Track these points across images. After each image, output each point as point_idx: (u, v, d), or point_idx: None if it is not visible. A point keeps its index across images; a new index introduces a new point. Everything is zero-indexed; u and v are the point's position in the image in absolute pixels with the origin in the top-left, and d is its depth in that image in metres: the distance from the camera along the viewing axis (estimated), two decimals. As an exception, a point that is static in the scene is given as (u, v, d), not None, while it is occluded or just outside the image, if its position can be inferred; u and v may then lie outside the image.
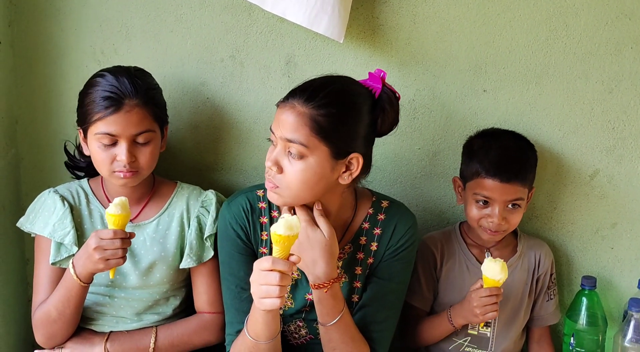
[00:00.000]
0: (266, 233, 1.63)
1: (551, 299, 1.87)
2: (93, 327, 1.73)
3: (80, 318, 1.69)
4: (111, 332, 1.72)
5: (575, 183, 1.91)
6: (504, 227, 1.74)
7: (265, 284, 1.35)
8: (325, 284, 1.50)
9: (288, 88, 1.56)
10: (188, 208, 1.75)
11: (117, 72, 1.63)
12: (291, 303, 1.64)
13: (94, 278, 1.61)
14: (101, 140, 1.59)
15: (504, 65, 1.85)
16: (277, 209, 1.63)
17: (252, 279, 1.39)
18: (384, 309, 1.62)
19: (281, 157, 1.48)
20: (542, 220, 1.95)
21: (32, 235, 1.74)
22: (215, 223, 1.72)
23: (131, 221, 1.70)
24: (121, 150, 1.59)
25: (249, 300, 1.49)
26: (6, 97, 1.88)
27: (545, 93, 1.86)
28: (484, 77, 1.86)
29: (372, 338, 1.60)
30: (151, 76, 1.72)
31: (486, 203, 1.74)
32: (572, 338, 1.85)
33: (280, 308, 1.51)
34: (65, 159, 1.82)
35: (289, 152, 1.47)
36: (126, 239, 1.55)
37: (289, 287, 1.44)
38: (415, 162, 1.94)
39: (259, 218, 1.63)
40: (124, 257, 1.55)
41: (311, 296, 1.61)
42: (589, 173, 1.90)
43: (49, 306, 1.64)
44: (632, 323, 1.77)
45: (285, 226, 1.34)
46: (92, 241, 1.53)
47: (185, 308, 1.81)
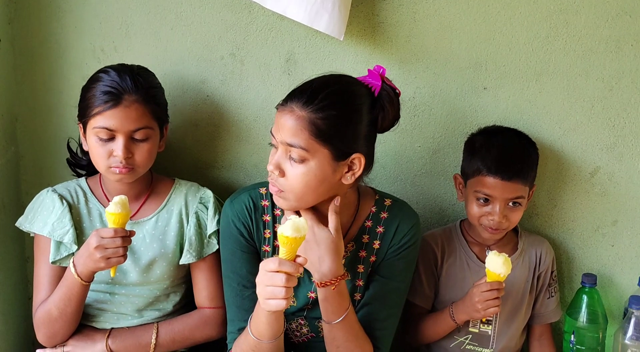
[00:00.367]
0: (269, 231, 1.62)
1: (552, 296, 1.87)
2: (94, 324, 1.73)
3: (82, 315, 1.68)
4: (112, 328, 1.72)
5: (576, 181, 1.91)
6: (504, 225, 1.74)
7: (271, 285, 1.35)
8: (333, 281, 1.49)
9: (288, 86, 1.56)
10: (186, 204, 1.75)
11: (121, 70, 1.64)
12: (293, 301, 1.64)
13: (95, 276, 1.61)
14: (99, 134, 1.60)
15: (504, 63, 1.85)
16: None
17: (258, 280, 1.38)
18: (387, 307, 1.62)
19: (283, 161, 1.48)
20: (543, 217, 1.95)
21: (31, 234, 1.74)
22: (215, 220, 1.72)
23: (130, 218, 1.70)
24: (118, 146, 1.60)
25: (251, 298, 1.49)
26: (6, 94, 1.87)
27: (546, 90, 1.86)
28: (484, 75, 1.86)
29: (374, 336, 1.60)
30: (154, 76, 1.73)
31: (487, 201, 1.73)
32: (572, 336, 1.85)
33: None
34: (67, 156, 1.82)
35: (289, 155, 1.47)
36: (127, 238, 1.55)
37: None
38: (415, 160, 1.94)
39: (261, 216, 1.63)
40: (124, 256, 1.55)
41: (314, 294, 1.61)
42: (590, 171, 1.90)
43: (50, 305, 1.64)
44: (632, 321, 1.77)
45: (293, 227, 1.33)
46: (93, 239, 1.53)
47: (186, 304, 1.81)
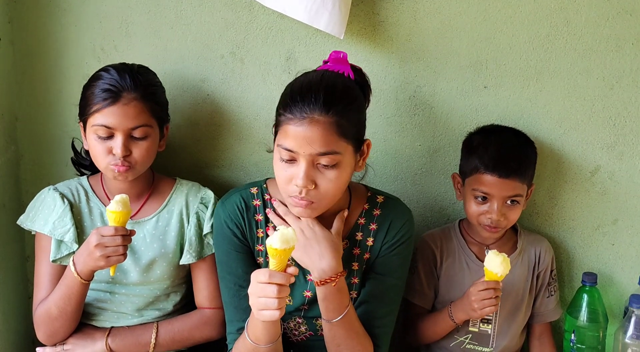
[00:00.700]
0: (262, 231, 1.62)
1: (552, 295, 1.87)
2: (94, 323, 1.73)
3: (82, 314, 1.69)
4: (112, 327, 1.72)
5: (576, 179, 1.91)
6: (502, 224, 1.74)
7: (263, 297, 1.35)
8: (333, 278, 1.49)
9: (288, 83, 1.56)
10: (187, 204, 1.75)
11: (121, 68, 1.64)
12: (289, 300, 1.63)
13: (95, 275, 1.61)
14: (97, 132, 1.60)
15: (504, 62, 1.85)
16: (271, 206, 1.63)
17: (250, 291, 1.39)
18: (384, 304, 1.62)
19: (312, 173, 1.46)
20: (543, 216, 1.94)
21: (32, 232, 1.74)
22: (211, 221, 1.72)
23: (131, 217, 1.70)
24: (116, 143, 1.60)
25: (248, 297, 1.49)
26: (6, 94, 1.87)
27: (546, 89, 1.86)
28: (484, 74, 1.86)
29: (373, 334, 1.60)
30: (155, 75, 1.73)
31: (485, 199, 1.73)
32: (572, 335, 1.85)
33: None
34: (67, 155, 1.83)
35: (318, 164, 1.46)
36: (127, 236, 1.55)
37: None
38: (415, 159, 1.94)
39: (254, 216, 1.63)
40: (124, 254, 1.55)
41: (310, 293, 1.61)
42: (590, 169, 1.90)
43: (50, 304, 1.64)
44: (633, 319, 1.77)
45: (282, 239, 1.33)
46: (93, 238, 1.54)
47: (186, 304, 1.81)
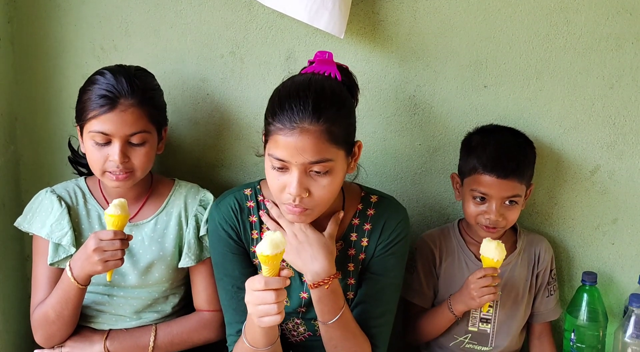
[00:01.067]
0: (256, 232, 1.62)
1: (551, 295, 1.87)
2: (92, 325, 1.73)
3: (79, 316, 1.68)
4: (111, 330, 1.71)
5: (576, 179, 1.91)
6: (501, 224, 1.73)
7: (262, 304, 1.35)
8: (326, 281, 1.49)
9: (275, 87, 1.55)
10: (186, 207, 1.74)
11: (118, 72, 1.61)
12: (286, 302, 1.63)
13: (93, 278, 1.60)
14: (95, 138, 1.58)
15: (504, 61, 1.85)
16: (265, 207, 1.62)
17: (247, 300, 1.38)
18: (381, 304, 1.62)
19: (306, 181, 1.46)
20: (543, 216, 1.94)
21: (30, 234, 1.73)
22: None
23: (129, 220, 1.70)
24: (114, 150, 1.58)
25: None
26: (6, 94, 1.87)
27: (546, 89, 1.86)
28: (484, 73, 1.86)
29: (371, 334, 1.60)
30: (152, 77, 1.71)
31: (483, 199, 1.73)
32: (572, 334, 1.85)
33: None
34: (66, 155, 1.81)
35: (311, 171, 1.45)
36: (125, 241, 1.54)
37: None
38: (415, 158, 1.94)
39: (248, 217, 1.62)
40: (122, 259, 1.54)
41: (306, 295, 1.61)
42: (590, 169, 1.90)
43: (47, 308, 1.63)
44: (632, 319, 1.77)
45: (271, 245, 1.32)
46: (91, 242, 1.52)
47: (185, 305, 1.80)
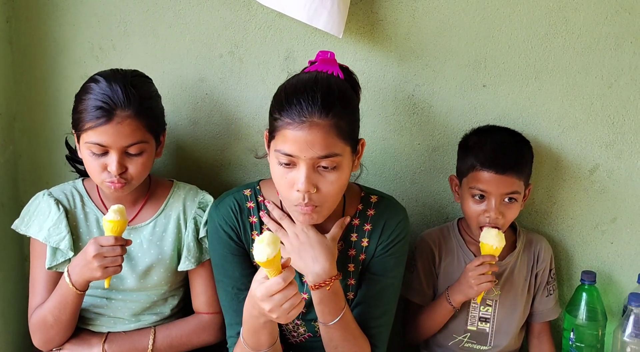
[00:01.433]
0: (256, 233, 1.61)
1: (550, 294, 1.87)
2: (90, 328, 1.72)
3: (78, 318, 1.67)
4: (109, 333, 1.70)
5: (575, 178, 1.91)
6: (500, 222, 1.73)
7: (287, 301, 1.33)
8: (327, 282, 1.49)
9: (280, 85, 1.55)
10: (185, 209, 1.73)
11: (112, 79, 1.57)
12: None
13: (89, 285, 1.60)
14: (91, 149, 1.56)
15: (503, 60, 1.85)
16: (265, 208, 1.62)
17: (267, 306, 1.34)
18: (381, 305, 1.62)
19: (314, 176, 1.45)
20: (542, 215, 1.95)
21: (28, 236, 1.72)
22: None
23: (127, 223, 1.69)
24: (111, 161, 1.56)
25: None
26: (4, 93, 1.87)
27: (545, 88, 1.86)
28: (483, 72, 1.86)
29: (371, 334, 1.60)
30: (148, 83, 1.67)
31: (482, 197, 1.73)
32: (571, 333, 1.85)
33: None
34: (65, 153, 1.80)
35: (318, 167, 1.45)
36: (124, 247, 1.54)
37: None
38: (414, 158, 1.94)
39: (248, 218, 1.62)
40: (121, 266, 1.54)
41: (306, 296, 1.60)
42: (589, 168, 1.90)
43: (45, 312, 1.62)
44: (631, 318, 1.77)
45: (266, 250, 1.29)
46: (91, 248, 1.51)
47: (183, 307, 1.80)
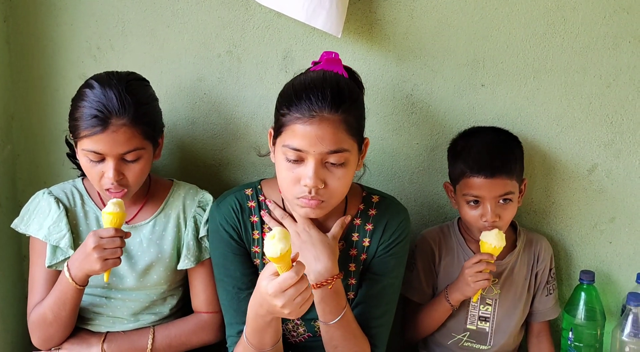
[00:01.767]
0: (257, 232, 1.61)
1: (550, 294, 1.87)
2: (89, 327, 1.72)
3: (77, 318, 1.67)
4: (108, 332, 1.70)
5: (574, 178, 1.91)
6: (499, 224, 1.73)
7: (299, 295, 1.33)
8: (329, 281, 1.49)
9: (285, 83, 1.55)
10: (184, 208, 1.73)
11: (107, 84, 1.55)
12: None
13: (90, 280, 1.60)
14: (88, 156, 1.55)
15: (501, 60, 1.85)
16: (266, 207, 1.62)
17: (283, 303, 1.32)
18: (381, 304, 1.62)
19: (322, 171, 1.45)
20: (540, 214, 1.95)
21: (27, 236, 1.72)
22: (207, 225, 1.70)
23: (127, 222, 1.69)
24: (108, 168, 1.55)
25: (247, 300, 1.48)
26: (2, 93, 1.87)
27: (543, 87, 1.86)
28: (481, 72, 1.86)
29: (371, 334, 1.60)
30: (145, 86, 1.65)
31: (477, 202, 1.73)
32: (570, 333, 1.85)
33: None
34: (63, 154, 1.80)
35: (326, 162, 1.45)
36: (123, 239, 1.54)
37: None
38: (413, 157, 1.93)
39: (249, 217, 1.62)
40: (120, 258, 1.54)
41: None
42: (587, 167, 1.90)
43: (45, 309, 1.62)
44: (630, 317, 1.77)
45: (278, 245, 1.28)
46: (91, 240, 1.52)
47: (182, 306, 1.79)
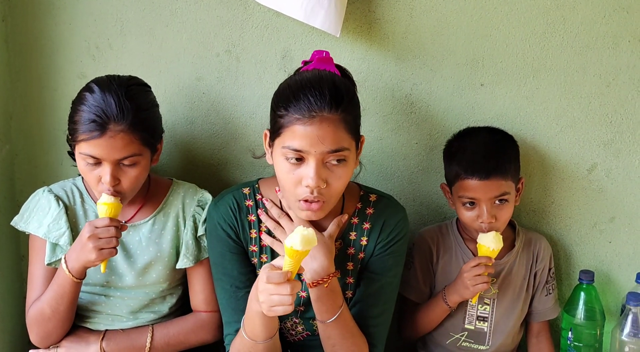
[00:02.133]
0: (255, 231, 1.61)
1: (550, 293, 1.86)
2: (88, 326, 1.72)
3: (75, 315, 1.67)
4: (107, 330, 1.70)
5: (573, 177, 1.91)
6: (496, 226, 1.72)
7: (277, 294, 1.34)
8: (325, 279, 1.49)
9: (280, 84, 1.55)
10: (184, 207, 1.73)
11: (107, 88, 1.54)
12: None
13: (89, 277, 1.60)
14: (86, 160, 1.55)
15: (501, 59, 1.85)
16: (264, 206, 1.62)
17: (262, 289, 1.37)
18: (379, 303, 1.62)
19: (323, 171, 1.45)
20: (540, 214, 1.94)
21: (26, 233, 1.72)
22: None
23: (127, 221, 1.69)
24: (105, 173, 1.55)
25: (245, 298, 1.49)
26: (0, 92, 1.86)
27: (543, 87, 1.86)
28: (481, 71, 1.86)
29: (369, 333, 1.59)
30: (145, 92, 1.65)
31: (473, 204, 1.73)
32: (570, 332, 1.85)
33: None
34: (62, 153, 1.80)
35: (327, 162, 1.45)
36: (119, 229, 1.54)
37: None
38: (412, 157, 1.93)
39: (246, 216, 1.62)
40: (116, 248, 1.54)
41: (304, 294, 1.61)
42: (587, 167, 1.90)
43: (43, 304, 1.62)
44: (629, 317, 1.77)
45: (303, 241, 1.31)
46: (86, 229, 1.53)
47: (182, 305, 1.79)
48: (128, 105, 1.54)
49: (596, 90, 1.85)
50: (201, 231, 1.71)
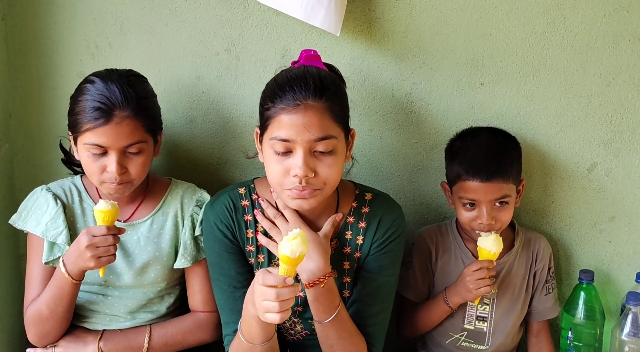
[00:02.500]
0: (251, 231, 1.61)
1: (550, 293, 1.86)
2: (86, 325, 1.72)
3: (73, 315, 1.67)
4: (105, 330, 1.70)
5: (573, 177, 1.91)
6: (495, 227, 1.72)
7: (265, 300, 1.34)
8: (321, 279, 1.49)
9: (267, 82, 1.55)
10: (182, 207, 1.73)
11: (108, 79, 1.56)
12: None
13: (87, 277, 1.60)
14: (91, 150, 1.55)
15: (501, 59, 1.84)
16: (259, 206, 1.62)
17: (256, 294, 1.36)
18: (377, 302, 1.61)
19: (311, 160, 1.45)
20: (540, 214, 1.94)
21: (25, 232, 1.72)
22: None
23: (125, 220, 1.69)
24: (111, 161, 1.56)
25: (242, 298, 1.49)
26: (0, 91, 1.86)
27: (543, 86, 1.86)
28: (481, 71, 1.85)
29: (367, 333, 1.59)
30: (144, 82, 1.67)
31: (473, 205, 1.72)
32: (569, 332, 1.84)
33: None
34: (60, 154, 1.80)
35: (315, 151, 1.45)
36: (117, 236, 1.54)
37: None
38: (412, 156, 1.93)
39: (242, 216, 1.61)
40: (114, 255, 1.54)
41: (302, 294, 1.60)
42: (587, 166, 1.90)
43: (41, 305, 1.62)
44: (629, 317, 1.77)
45: (295, 249, 1.30)
46: (84, 238, 1.52)
47: (180, 305, 1.79)
48: (131, 92, 1.56)
49: (596, 90, 1.85)
50: (199, 231, 1.71)
